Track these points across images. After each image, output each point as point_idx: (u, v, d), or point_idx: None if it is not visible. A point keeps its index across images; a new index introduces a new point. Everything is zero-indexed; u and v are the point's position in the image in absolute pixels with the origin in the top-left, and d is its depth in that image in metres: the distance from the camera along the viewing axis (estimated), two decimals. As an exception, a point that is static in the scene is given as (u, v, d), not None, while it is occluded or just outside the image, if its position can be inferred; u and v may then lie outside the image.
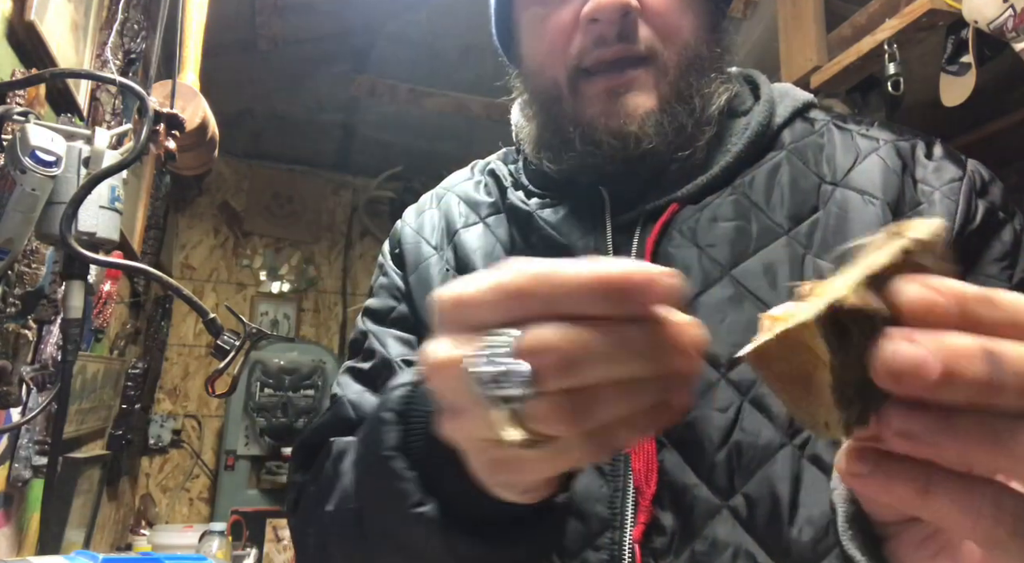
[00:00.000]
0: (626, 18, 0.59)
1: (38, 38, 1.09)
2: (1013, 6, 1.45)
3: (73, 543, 1.74)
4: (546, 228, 0.65)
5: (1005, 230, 0.58)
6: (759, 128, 0.63)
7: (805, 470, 0.52)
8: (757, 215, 0.60)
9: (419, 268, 0.73)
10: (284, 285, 3.45)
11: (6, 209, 0.84)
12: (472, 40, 2.64)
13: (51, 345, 1.19)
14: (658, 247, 0.60)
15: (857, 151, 0.62)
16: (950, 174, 0.60)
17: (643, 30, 0.60)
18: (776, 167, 0.62)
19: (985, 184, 0.60)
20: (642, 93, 0.60)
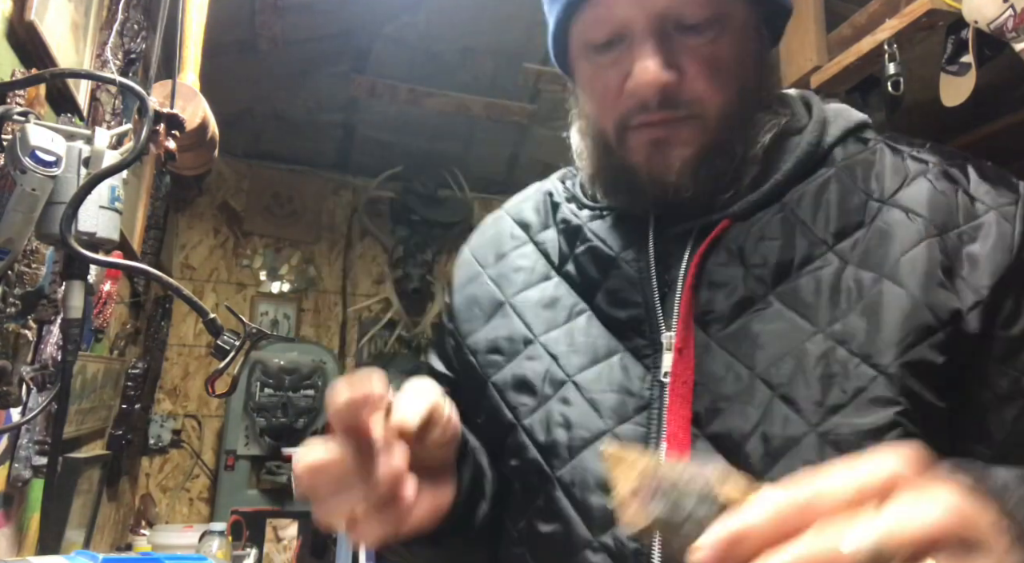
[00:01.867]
0: (666, 89, 0.62)
1: (38, 38, 1.09)
2: (1013, 6, 1.45)
3: (73, 543, 1.74)
4: (594, 239, 0.69)
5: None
6: (808, 147, 0.65)
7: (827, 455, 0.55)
8: (804, 231, 0.62)
9: (465, 288, 0.80)
10: (284, 285, 3.45)
11: (6, 209, 0.84)
12: (470, 42, 2.64)
13: (51, 345, 1.19)
14: (705, 262, 0.63)
15: (906, 172, 0.64)
16: (1005, 196, 0.61)
17: (685, 94, 0.62)
18: (825, 183, 0.64)
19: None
20: (683, 146, 0.63)
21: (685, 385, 0.61)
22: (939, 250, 0.58)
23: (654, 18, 0.61)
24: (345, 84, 2.88)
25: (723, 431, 0.58)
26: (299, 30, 2.52)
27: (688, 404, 0.60)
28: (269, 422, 2.96)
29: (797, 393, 0.57)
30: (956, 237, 0.59)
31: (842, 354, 0.57)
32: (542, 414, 0.68)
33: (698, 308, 0.63)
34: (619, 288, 0.67)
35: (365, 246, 3.65)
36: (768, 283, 0.61)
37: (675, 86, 0.62)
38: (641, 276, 0.66)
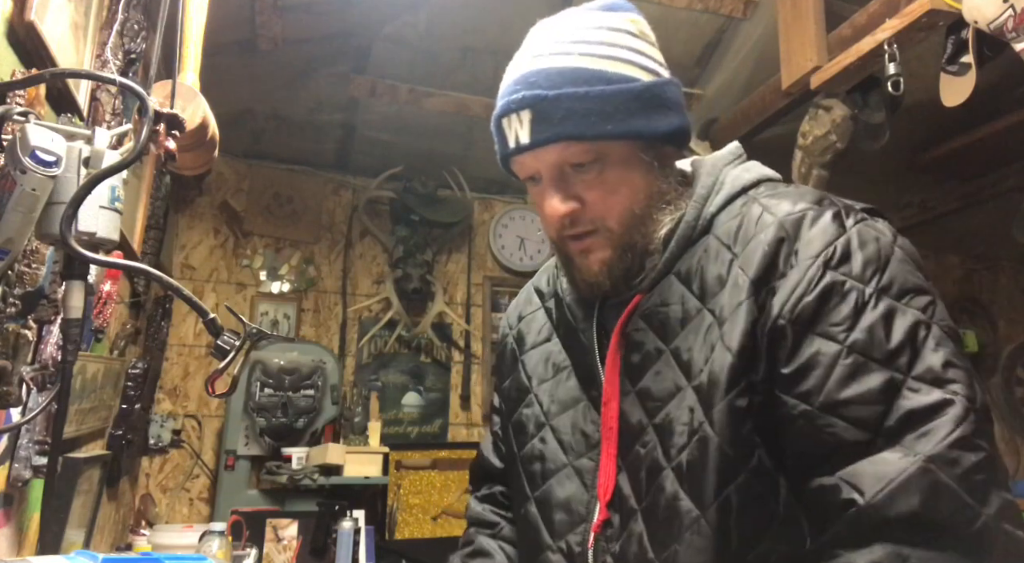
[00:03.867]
0: (571, 215, 0.82)
1: (38, 38, 1.09)
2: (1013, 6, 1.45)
3: (73, 543, 1.74)
4: (567, 311, 0.91)
5: (849, 297, 0.70)
6: (685, 226, 0.81)
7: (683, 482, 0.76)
8: (685, 296, 0.78)
9: (502, 341, 1.06)
10: (284, 285, 3.45)
11: (6, 209, 0.84)
12: (470, 42, 2.64)
13: (51, 345, 1.19)
14: (626, 328, 0.82)
15: (755, 230, 0.76)
16: (814, 249, 0.72)
17: (586, 216, 0.82)
18: (705, 252, 0.79)
19: (845, 255, 0.71)
20: (597, 252, 0.83)
21: (611, 430, 0.81)
22: (753, 304, 0.72)
23: (551, 167, 0.82)
24: (345, 84, 2.87)
25: (633, 464, 0.79)
26: (299, 30, 2.52)
27: (614, 444, 0.81)
28: (269, 422, 2.95)
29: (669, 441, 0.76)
30: (767, 292, 0.72)
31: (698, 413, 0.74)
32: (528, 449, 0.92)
33: (625, 365, 0.82)
34: (578, 351, 0.89)
35: (365, 246, 3.65)
36: (665, 340, 0.78)
37: (579, 211, 0.81)
38: (589, 344, 0.87)
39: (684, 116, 0.85)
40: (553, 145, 0.79)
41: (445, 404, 3.61)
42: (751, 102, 2.73)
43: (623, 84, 0.80)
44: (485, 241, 3.84)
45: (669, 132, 0.82)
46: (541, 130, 0.79)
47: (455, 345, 3.68)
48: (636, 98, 0.80)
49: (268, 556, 2.69)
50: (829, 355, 0.69)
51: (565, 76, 0.79)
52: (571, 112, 0.78)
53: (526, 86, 0.80)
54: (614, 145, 0.80)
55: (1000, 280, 4.59)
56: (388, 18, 2.55)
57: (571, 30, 0.82)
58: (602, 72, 0.79)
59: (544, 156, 0.81)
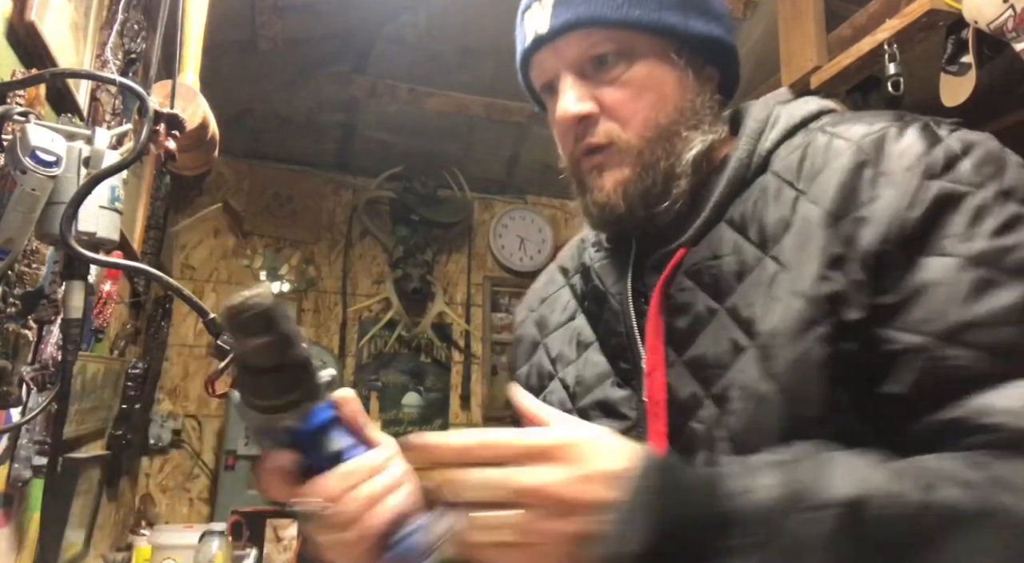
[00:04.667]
0: (584, 121, 0.72)
1: (38, 38, 1.09)
2: (1013, 6, 1.45)
3: (73, 543, 1.74)
4: (595, 278, 0.80)
5: (965, 204, 0.58)
6: (737, 163, 0.70)
7: None
8: (743, 244, 0.67)
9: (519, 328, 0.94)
10: (284, 285, 3.45)
11: (6, 209, 0.84)
12: (470, 42, 2.64)
13: (51, 345, 1.19)
14: (668, 288, 0.70)
15: (827, 158, 0.65)
16: (907, 161, 0.61)
17: (602, 125, 0.72)
18: (762, 192, 0.68)
19: (950, 161, 0.60)
20: (612, 170, 0.72)
21: (658, 405, 0.68)
22: (832, 239, 0.60)
23: (570, 63, 0.72)
24: (345, 84, 2.87)
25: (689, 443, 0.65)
26: (299, 30, 2.52)
27: (662, 421, 0.68)
28: (269, 422, 2.95)
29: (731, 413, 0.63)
30: (851, 222, 0.60)
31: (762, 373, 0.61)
32: None
33: (668, 331, 0.70)
34: (609, 320, 0.76)
35: (365, 246, 3.65)
36: (719, 298, 0.66)
37: (595, 116, 0.72)
38: (623, 308, 0.75)
39: (730, 30, 0.76)
40: (573, 33, 0.72)
41: (445, 404, 3.61)
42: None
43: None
44: (485, 241, 3.84)
45: (709, 38, 0.74)
46: (561, 14, 0.72)
47: (455, 345, 3.68)
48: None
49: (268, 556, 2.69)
50: (947, 272, 0.56)
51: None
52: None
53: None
54: (642, 38, 0.72)
55: (1000, 280, 4.59)
56: (388, 18, 2.55)
57: None
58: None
59: (564, 49, 0.73)
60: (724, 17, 0.76)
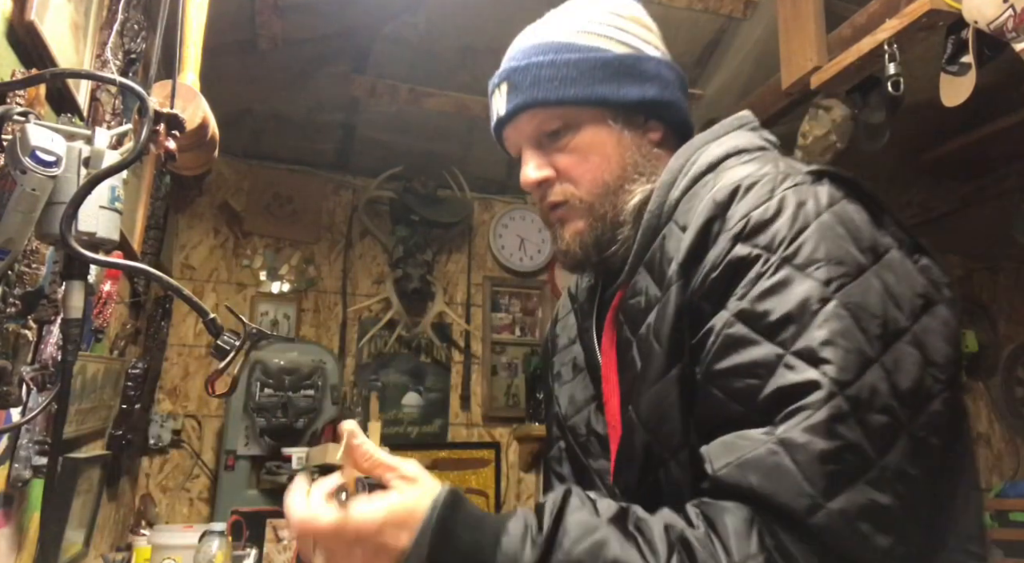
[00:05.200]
0: (543, 184, 0.85)
1: (38, 38, 1.09)
2: (1013, 6, 1.45)
3: (73, 543, 1.74)
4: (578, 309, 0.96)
5: (752, 268, 0.66)
6: (649, 215, 0.80)
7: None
8: (648, 285, 0.77)
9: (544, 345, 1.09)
10: (284, 285, 3.45)
11: (6, 209, 0.84)
12: (470, 42, 2.64)
13: (51, 345, 1.19)
14: (614, 324, 0.82)
15: (699, 210, 0.73)
16: (732, 222, 0.69)
17: (559, 186, 0.85)
18: (666, 238, 0.77)
19: (759, 226, 0.67)
20: (571, 223, 0.85)
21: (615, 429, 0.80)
22: (681, 289, 0.71)
23: (528, 138, 0.86)
24: (345, 84, 2.87)
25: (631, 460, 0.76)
26: (299, 30, 2.52)
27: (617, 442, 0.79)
28: (269, 422, 2.95)
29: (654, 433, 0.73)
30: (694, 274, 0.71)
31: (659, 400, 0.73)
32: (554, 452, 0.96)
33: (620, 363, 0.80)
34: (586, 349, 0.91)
35: (365, 246, 3.65)
36: (634, 332, 0.77)
37: (552, 179, 0.85)
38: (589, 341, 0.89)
39: (665, 91, 0.85)
40: (524, 113, 0.84)
41: (445, 404, 3.61)
42: (751, 102, 2.73)
43: (590, 54, 0.83)
44: (485, 241, 3.84)
45: (641, 101, 0.83)
46: (512, 99, 0.84)
47: (455, 345, 3.68)
48: (604, 66, 0.83)
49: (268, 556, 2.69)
50: (719, 324, 0.66)
51: (537, 47, 0.85)
52: (537, 79, 0.82)
53: (506, 62, 0.88)
54: (581, 111, 0.83)
55: (1000, 280, 4.59)
56: (388, 18, 2.55)
57: (560, 11, 0.88)
58: (572, 43, 0.84)
59: (520, 127, 0.86)
60: (660, 77, 0.85)
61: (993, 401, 4.36)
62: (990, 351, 4.34)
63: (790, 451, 0.58)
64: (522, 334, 3.82)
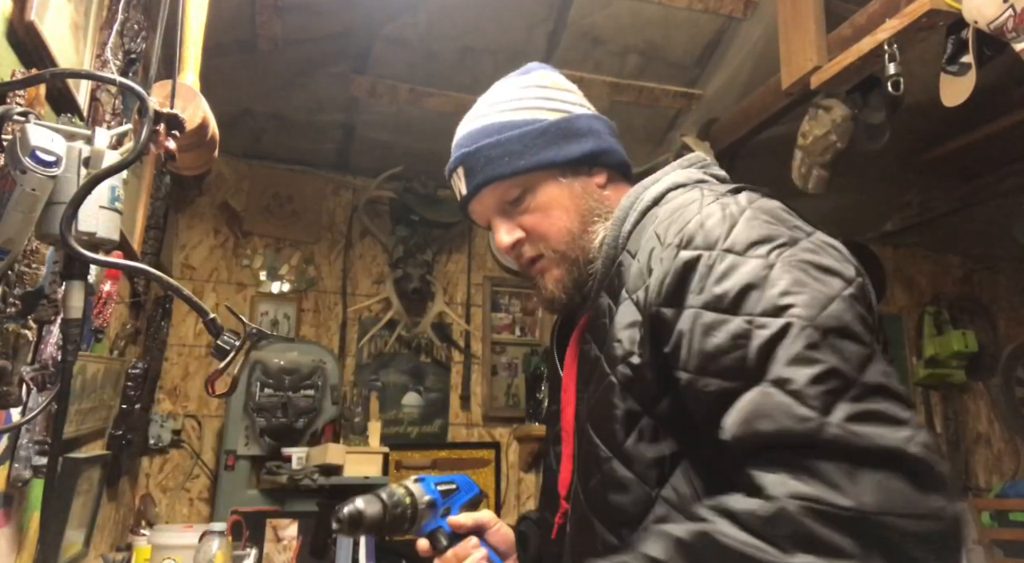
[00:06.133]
0: (517, 245, 0.96)
1: (38, 38, 1.09)
2: (1013, 6, 1.45)
3: (73, 543, 1.74)
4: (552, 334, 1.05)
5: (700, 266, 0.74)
6: (607, 248, 0.90)
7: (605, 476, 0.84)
8: (609, 307, 0.86)
9: None
10: (284, 285, 3.45)
11: (6, 209, 0.84)
12: (470, 42, 2.64)
13: (51, 345, 1.19)
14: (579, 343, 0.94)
15: (644, 241, 0.84)
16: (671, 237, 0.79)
17: (531, 242, 0.96)
18: (619, 267, 0.87)
19: (694, 232, 0.77)
20: (549, 272, 0.96)
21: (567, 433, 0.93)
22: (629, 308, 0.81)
23: (492, 209, 0.97)
24: (345, 84, 2.87)
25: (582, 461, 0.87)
26: (299, 30, 2.52)
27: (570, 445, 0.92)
28: (269, 422, 2.95)
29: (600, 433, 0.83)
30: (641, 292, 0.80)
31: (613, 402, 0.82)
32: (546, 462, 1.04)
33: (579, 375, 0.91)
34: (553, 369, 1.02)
35: (365, 246, 3.65)
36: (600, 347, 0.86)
37: (523, 240, 0.96)
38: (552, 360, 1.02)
39: (601, 140, 0.97)
40: (484, 189, 0.96)
41: (445, 404, 3.61)
42: (751, 102, 2.73)
43: (529, 126, 0.95)
44: (485, 241, 3.83)
45: (583, 155, 0.95)
46: (471, 180, 0.96)
47: (455, 345, 3.68)
48: (542, 134, 0.94)
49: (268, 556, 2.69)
50: (689, 320, 0.73)
51: (482, 132, 0.97)
52: (489, 159, 0.94)
53: (457, 148, 0.99)
54: (533, 176, 0.94)
55: (1000, 280, 4.59)
56: (388, 18, 2.55)
57: (491, 96, 1.01)
58: (510, 121, 0.95)
59: (484, 201, 0.97)
60: (592, 130, 0.97)
61: (993, 401, 4.36)
62: (990, 351, 4.35)
63: (780, 387, 0.64)
64: (522, 334, 3.82)
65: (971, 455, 4.25)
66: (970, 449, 4.25)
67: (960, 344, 3.99)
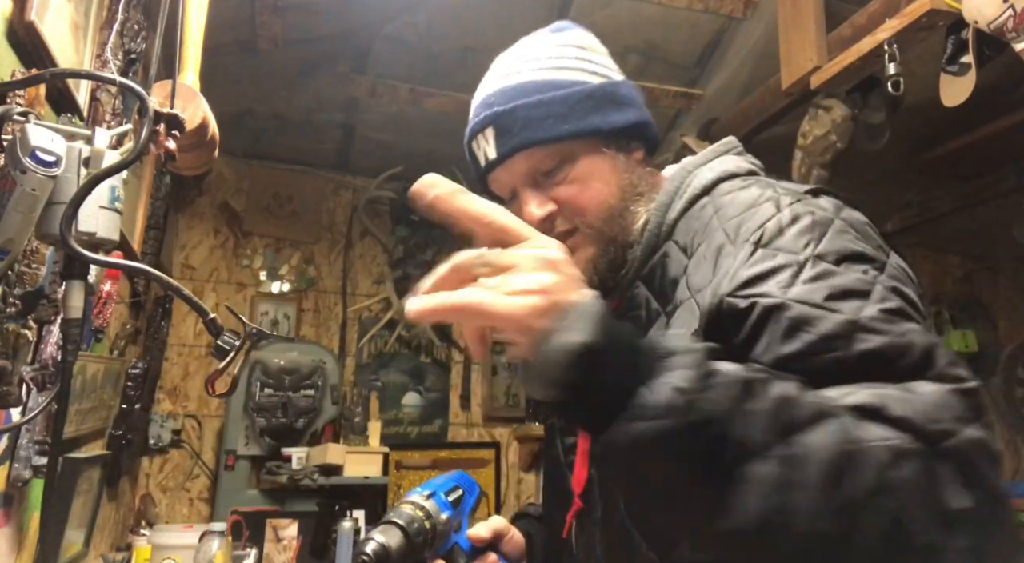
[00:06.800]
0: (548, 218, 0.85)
1: (38, 38, 1.09)
2: (1013, 6, 1.45)
3: (73, 543, 1.74)
4: None
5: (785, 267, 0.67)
6: (648, 234, 0.83)
7: None
8: (649, 301, 0.80)
9: None
10: (284, 285, 3.45)
11: (6, 209, 0.84)
12: (470, 42, 2.64)
13: (51, 345, 1.19)
14: None
15: (705, 235, 0.77)
16: (747, 233, 0.72)
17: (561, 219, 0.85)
18: (665, 256, 0.80)
19: (777, 231, 0.70)
20: (581, 250, 0.84)
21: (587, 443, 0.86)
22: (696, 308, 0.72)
23: (523, 177, 0.86)
24: (345, 84, 2.87)
25: None
26: (299, 30, 2.52)
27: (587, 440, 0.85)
28: (269, 422, 2.96)
29: None
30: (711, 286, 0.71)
31: None
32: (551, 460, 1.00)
33: None
34: None
35: (365, 246, 3.65)
36: None
37: (556, 214, 0.85)
38: None
39: (642, 111, 0.89)
40: (519, 154, 0.85)
41: (445, 404, 3.61)
42: (751, 102, 2.73)
43: (573, 88, 0.86)
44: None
45: (627, 125, 0.87)
46: (504, 143, 0.86)
47: (455, 345, 3.68)
48: (588, 97, 0.86)
49: (268, 556, 2.70)
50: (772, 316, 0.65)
51: (518, 90, 0.86)
52: (529, 120, 0.84)
53: (485, 107, 0.89)
54: (576, 144, 0.85)
55: (1000, 280, 4.59)
56: (388, 18, 2.55)
57: (522, 52, 0.91)
58: (552, 81, 0.86)
59: (514, 168, 0.87)
60: (635, 100, 0.89)
61: (993, 401, 4.36)
62: (990, 351, 4.34)
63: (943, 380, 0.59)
64: (522, 334, 3.82)
65: (971, 455, 4.25)
66: (970, 449, 4.26)
67: (960, 344, 3.99)
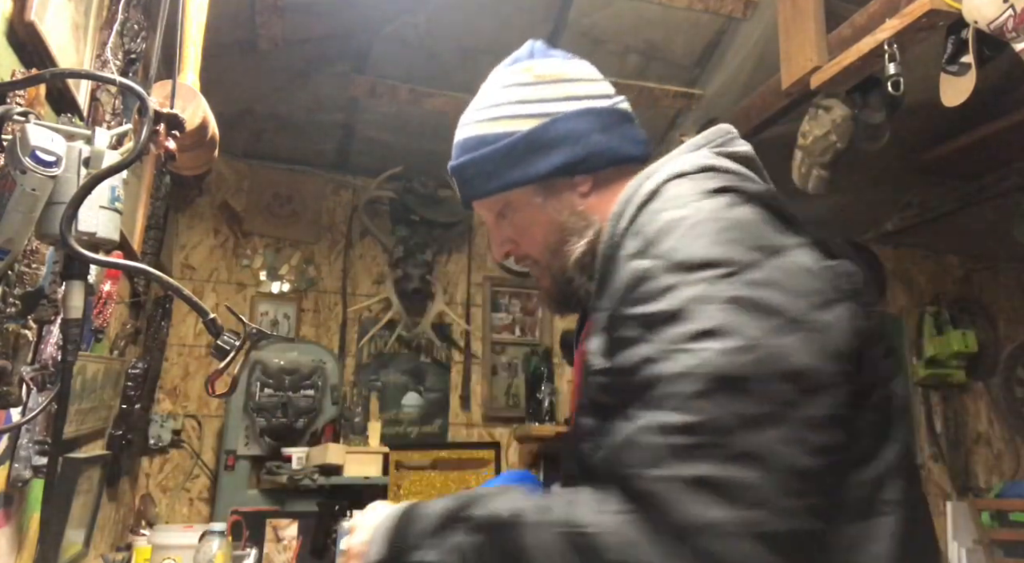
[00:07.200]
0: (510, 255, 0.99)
1: (38, 38, 1.09)
2: (1013, 6, 1.45)
3: (73, 543, 1.74)
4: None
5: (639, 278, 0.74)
6: (604, 247, 0.85)
7: None
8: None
9: None
10: (284, 285, 3.45)
11: (6, 209, 0.84)
12: (470, 42, 2.64)
13: (51, 345, 1.19)
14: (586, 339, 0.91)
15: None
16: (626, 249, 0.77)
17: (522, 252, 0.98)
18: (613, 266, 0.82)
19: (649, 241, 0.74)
20: (541, 281, 0.99)
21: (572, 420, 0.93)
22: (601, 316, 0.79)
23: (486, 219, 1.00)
24: (345, 84, 2.87)
25: None
26: (299, 30, 2.52)
27: None
28: (269, 422, 2.95)
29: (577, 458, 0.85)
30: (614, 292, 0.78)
31: None
32: None
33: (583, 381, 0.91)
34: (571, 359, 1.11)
35: (365, 246, 3.65)
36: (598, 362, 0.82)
37: (515, 250, 0.98)
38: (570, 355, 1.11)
39: (576, 148, 0.91)
40: (472, 203, 0.98)
41: (445, 404, 3.61)
42: (751, 102, 2.73)
43: (499, 143, 0.91)
44: (485, 241, 3.83)
45: (550, 170, 0.91)
46: (461, 192, 0.99)
47: (455, 345, 3.68)
48: (510, 153, 0.91)
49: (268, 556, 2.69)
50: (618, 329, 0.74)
51: (462, 146, 0.96)
52: (469, 177, 0.95)
53: (452, 156, 0.98)
54: (509, 195, 0.93)
55: (1000, 280, 4.58)
56: (388, 18, 2.55)
57: (480, 96, 0.98)
58: (484, 136, 0.93)
59: (478, 210, 1.00)
60: (570, 134, 0.91)
61: (993, 401, 4.36)
62: (990, 351, 4.34)
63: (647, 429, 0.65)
64: (522, 334, 3.82)
65: (971, 455, 4.24)
66: (970, 449, 4.25)
67: (960, 344, 3.99)
